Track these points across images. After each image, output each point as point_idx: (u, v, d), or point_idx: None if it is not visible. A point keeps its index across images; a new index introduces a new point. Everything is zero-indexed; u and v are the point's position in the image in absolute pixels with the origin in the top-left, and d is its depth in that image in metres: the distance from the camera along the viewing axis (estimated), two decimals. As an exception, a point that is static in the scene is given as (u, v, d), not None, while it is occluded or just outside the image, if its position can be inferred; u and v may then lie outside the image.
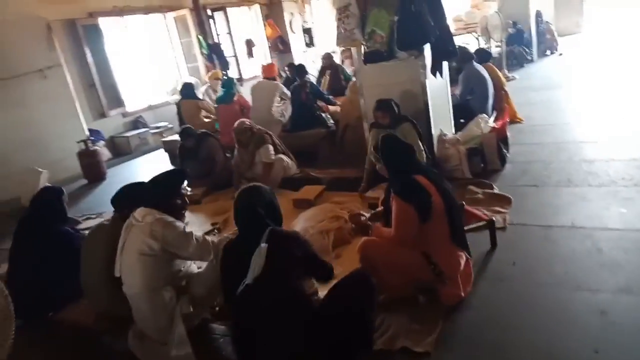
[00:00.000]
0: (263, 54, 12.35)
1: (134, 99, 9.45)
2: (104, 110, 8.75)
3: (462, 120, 5.34)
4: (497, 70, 5.96)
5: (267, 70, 6.39)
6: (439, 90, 4.65)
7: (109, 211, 5.36)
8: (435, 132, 4.47)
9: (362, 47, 4.38)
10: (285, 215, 4.19)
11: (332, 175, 5.01)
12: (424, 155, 4.01)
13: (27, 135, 7.11)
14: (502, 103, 5.88)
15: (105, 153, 8.50)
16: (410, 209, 2.39)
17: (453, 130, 5.04)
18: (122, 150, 8.81)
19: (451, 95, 5.67)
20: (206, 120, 6.98)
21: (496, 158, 4.43)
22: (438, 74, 4.27)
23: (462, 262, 2.56)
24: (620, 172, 3.86)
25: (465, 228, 3.07)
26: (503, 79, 5.94)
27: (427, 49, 4.24)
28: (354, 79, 5.88)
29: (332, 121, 5.97)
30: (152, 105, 9.64)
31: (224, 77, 10.95)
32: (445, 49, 4.13)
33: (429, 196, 2.41)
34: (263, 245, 2.04)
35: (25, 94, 7.15)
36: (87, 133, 8.07)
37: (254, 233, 2.11)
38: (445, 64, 4.67)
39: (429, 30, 3.97)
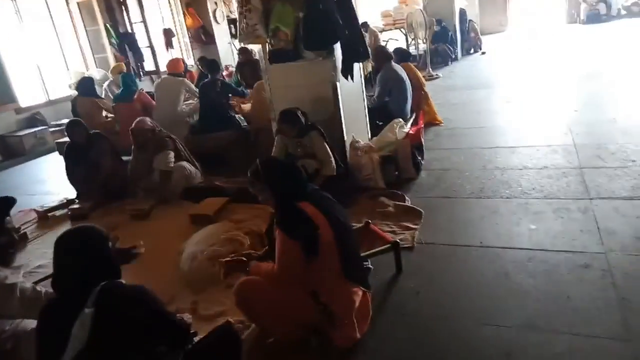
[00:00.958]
0: (184, 45, 11.58)
1: (30, 93, 8.44)
2: (-10, 106, 7.72)
3: (380, 123, 5.10)
4: (417, 70, 5.77)
5: (172, 65, 5.80)
6: (352, 92, 4.34)
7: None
8: (347, 138, 4.15)
9: (267, 45, 3.96)
10: (180, 234, 3.84)
11: (240, 185, 4.56)
12: (333, 165, 3.68)
13: None
14: (421, 104, 5.70)
15: (-10, 154, 7.53)
16: (295, 245, 2.02)
17: (369, 135, 4.76)
18: (14, 152, 7.83)
19: (368, 97, 5.43)
20: (107, 119, 6.28)
21: (410, 166, 4.19)
22: (350, 76, 3.94)
23: (357, 299, 2.23)
24: (532, 182, 3.74)
25: (368, 252, 2.78)
26: (422, 79, 5.77)
27: (338, 49, 3.90)
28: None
29: (245, 123, 5.52)
30: (53, 100, 8.69)
31: (138, 69, 10.21)
32: (355, 50, 3.80)
33: (315, 229, 2.05)
34: (87, 310, 1.57)
35: None
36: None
37: (76, 293, 1.63)
38: (359, 65, 4.38)
39: (337, 30, 3.62)
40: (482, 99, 6.86)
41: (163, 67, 10.86)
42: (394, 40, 11.24)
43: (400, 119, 4.58)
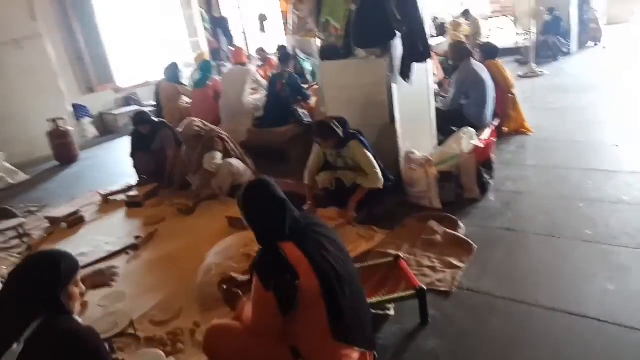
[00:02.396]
0: (278, 30, 11.55)
1: (128, 74, 8.96)
2: (93, 85, 8.32)
3: (454, 129, 4.52)
4: (504, 70, 5.01)
5: (236, 55, 5.67)
6: (416, 94, 3.84)
7: (54, 203, 5.04)
8: (403, 147, 3.69)
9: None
10: (216, 235, 3.70)
11: (289, 187, 4.32)
12: (380, 177, 3.26)
13: (4, 110, 6.76)
14: (506, 109, 4.96)
15: (91, 130, 8.13)
16: (270, 296, 1.70)
17: (435, 143, 4.22)
18: (109, 128, 8.41)
19: (442, 99, 4.86)
20: (186, 105, 6.39)
21: (474, 185, 3.61)
22: (407, 78, 3.46)
23: (350, 362, 1.86)
24: (626, 223, 2.99)
25: (385, 298, 2.36)
26: (511, 80, 5.00)
27: (398, 46, 3.43)
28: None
29: (309, 119, 5.24)
30: (150, 81, 9.13)
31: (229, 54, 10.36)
32: (414, 49, 3.30)
33: (293, 279, 1.70)
34: (15, 347, 1.42)
35: (2, 66, 6.76)
36: (70, 109, 7.69)
37: (13, 326, 1.48)
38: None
39: (392, 25, 3.16)
40: (589, 106, 5.82)
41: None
42: (500, 30, 10.19)
43: (470, 129, 3.96)
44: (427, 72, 4.00)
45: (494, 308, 2.39)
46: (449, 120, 4.62)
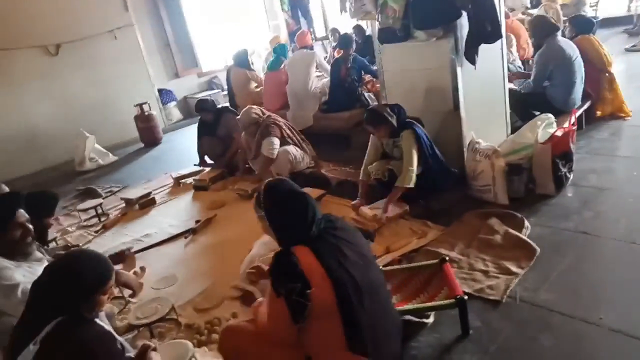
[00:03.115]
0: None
1: (211, 58, 9.29)
2: (178, 70, 8.76)
3: (537, 113, 4.08)
4: (600, 46, 4.38)
5: (300, 38, 5.56)
6: (486, 77, 3.50)
7: (134, 183, 5.39)
8: (468, 136, 3.39)
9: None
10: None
11: (346, 176, 4.22)
12: (411, 176, 3.04)
13: (98, 96, 7.37)
14: (600, 90, 4.36)
15: (175, 114, 8.59)
16: (281, 303, 1.63)
17: (508, 132, 3.84)
18: (192, 111, 8.80)
19: (524, 81, 4.40)
20: (256, 90, 6.48)
21: (549, 180, 3.21)
22: (473, 61, 3.14)
23: (368, 376, 1.74)
24: None
25: (420, 306, 2.19)
26: (608, 58, 4.36)
27: (464, 26, 3.12)
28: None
29: (375, 103, 5.04)
30: (229, 65, 9.40)
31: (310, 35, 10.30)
32: (482, 28, 2.97)
33: (305, 288, 1.61)
34: (32, 347, 1.49)
35: (98, 54, 7.34)
36: (157, 94, 8.17)
37: (35, 322, 1.55)
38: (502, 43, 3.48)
39: (454, 4, 2.86)
40: None
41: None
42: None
43: (549, 115, 3.53)
44: (501, 53, 3.61)
45: (547, 324, 2.11)
46: (531, 105, 4.19)
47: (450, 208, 3.30)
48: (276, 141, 4.16)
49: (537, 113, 4.10)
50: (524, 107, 4.21)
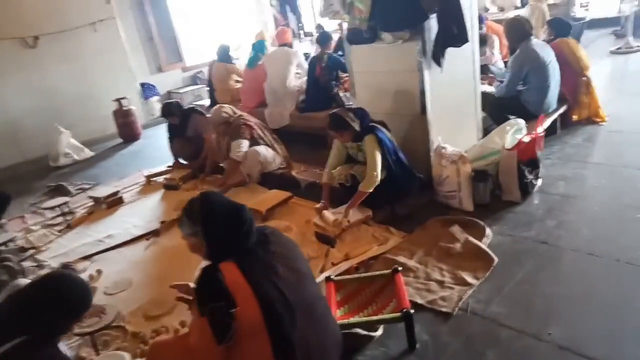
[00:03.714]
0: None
1: (195, 53, 9.15)
2: (162, 65, 8.63)
3: (511, 117, 4.03)
4: (577, 49, 4.31)
5: (280, 35, 5.47)
6: (457, 80, 3.43)
7: (107, 181, 5.29)
8: (435, 140, 3.32)
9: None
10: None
11: (316, 178, 4.14)
12: (374, 180, 2.99)
13: (78, 90, 7.24)
14: (577, 94, 4.30)
15: (157, 108, 8.43)
16: (205, 322, 1.56)
17: (480, 137, 3.77)
18: (177, 107, 8.71)
19: (498, 84, 4.34)
20: (236, 86, 6.38)
21: (514, 187, 3.16)
22: (439, 64, 3.07)
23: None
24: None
25: (362, 320, 2.13)
26: (585, 61, 4.30)
27: (432, 29, 3.04)
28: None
29: (351, 103, 4.95)
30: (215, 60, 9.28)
31: (299, 31, 10.18)
32: (448, 32, 2.90)
33: (229, 307, 1.54)
34: None
35: (78, 47, 7.21)
36: (139, 88, 8.06)
37: None
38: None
39: (420, 7, 2.78)
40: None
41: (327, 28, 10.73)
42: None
43: (518, 120, 3.47)
44: (473, 56, 3.54)
45: (496, 339, 2.05)
46: (505, 108, 4.11)
47: (416, 213, 3.24)
48: (244, 143, 4.09)
49: (512, 117, 4.07)
50: (498, 110, 4.14)
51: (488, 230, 2.85)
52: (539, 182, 3.29)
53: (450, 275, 2.54)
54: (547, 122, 4.01)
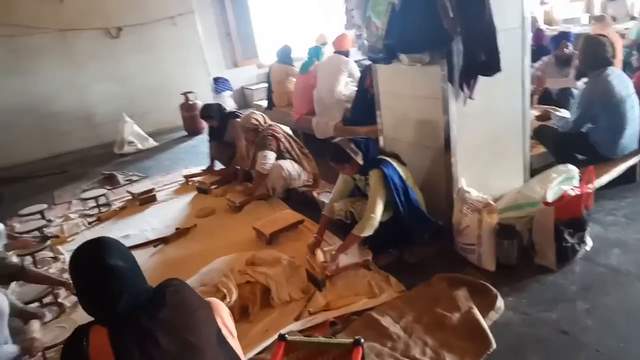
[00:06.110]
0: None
1: (272, 50, 9.12)
2: (237, 60, 8.75)
3: (580, 157, 3.42)
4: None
5: (338, 42, 5.13)
6: (497, 111, 2.92)
7: (156, 174, 5.41)
8: (459, 181, 2.85)
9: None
10: (243, 242, 3.44)
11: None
12: (371, 223, 2.62)
13: (152, 80, 7.59)
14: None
15: (229, 103, 8.58)
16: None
17: (522, 178, 3.20)
18: (248, 103, 8.79)
19: (562, 118, 3.71)
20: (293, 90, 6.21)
21: (550, 250, 2.59)
22: (467, 96, 2.60)
23: None
24: None
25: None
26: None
27: (460, 52, 2.58)
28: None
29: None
30: (294, 58, 9.20)
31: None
32: (474, 60, 2.42)
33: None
34: None
35: (156, 39, 7.54)
36: (211, 82, 8.23)
37: None
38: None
39: (441, 26, 2.35)
40: None
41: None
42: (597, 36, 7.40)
43: (570, 167, 2.84)
44: (522, 81, 2.98)
45: None
46: (571, 147, 3.47)
47: (428, 263, 2.81)
48: (271, 155, 3.89)
49: (579, 157, 3.44)
50: (562, 148, 3.49)
51: (499, 302, 2.36)
52: (586, 247, 2.68)
53: (431, 355, 2.12)
54: (622, 168, 3.30)
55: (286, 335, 2.10)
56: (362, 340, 2.00)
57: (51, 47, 6.75)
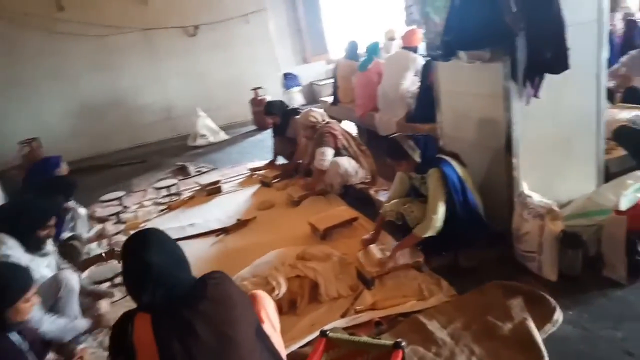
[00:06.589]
0: None
1: (341, 46, 9.13)
2: (307, 56, 8.87)
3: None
4: None
5: (406, 37, 5.00)
6: (567, 111, 2.72)
7: (224, 166, 5.64)
8: (520, 184, 2.70)
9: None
10: (297, 236, 3.51)
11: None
12: (434, 224, 2.53)
13: (226, 76, 7.93)
14: None
15: (298, 99, 8.75)
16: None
17: (594, 184, 2.95)
18: (316, 98, 8.88)
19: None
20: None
21: (620, 263, 2.38)
22: (531, 94, 2.46)
23: None
24: None
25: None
26: None
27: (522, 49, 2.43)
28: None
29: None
30: (361, 54, 9.16)
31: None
32: (539, 57, 2.27)
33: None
34: None
35: (231, 36, 7.87)
36: (281, 78, 8.42)
37: None
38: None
39: (503, 21, 2.23)
40: None
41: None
42: None
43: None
44: (596, 78, 2.75)
45: None
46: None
47: (484, 268, 2.70)
48: (328, 152, 3.92)
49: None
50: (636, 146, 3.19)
51: (558, 315, 2.22)
52: (662, 261, 2.43)
53: (478, 368, 2.04)
54: None
55: (328, 332, 2.13)
56: (404, 343, 1.98)
57: (136, 45, 7.27)
